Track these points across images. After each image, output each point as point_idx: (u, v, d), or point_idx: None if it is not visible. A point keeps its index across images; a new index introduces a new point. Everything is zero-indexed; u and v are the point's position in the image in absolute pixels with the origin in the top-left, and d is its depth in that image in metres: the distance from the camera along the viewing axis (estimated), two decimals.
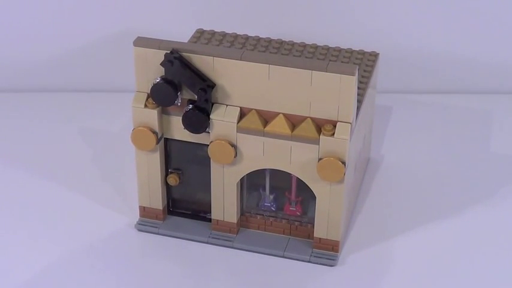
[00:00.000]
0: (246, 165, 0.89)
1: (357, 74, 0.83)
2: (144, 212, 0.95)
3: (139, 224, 0.95)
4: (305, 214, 0.93)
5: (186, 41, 0.99)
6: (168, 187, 0.94)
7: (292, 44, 1.00)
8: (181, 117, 0.87)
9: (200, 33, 1.02)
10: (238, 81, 0.85)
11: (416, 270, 0.90)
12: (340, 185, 0.87)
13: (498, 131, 1.13)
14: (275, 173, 0.91)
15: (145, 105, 0.88)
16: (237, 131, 0.87)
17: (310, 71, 0.83)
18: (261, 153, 0.88)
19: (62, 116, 1.15)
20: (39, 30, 1.16)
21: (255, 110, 0.86)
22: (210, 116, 0.87)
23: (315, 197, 0.89)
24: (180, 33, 1.01)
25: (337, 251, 0.91)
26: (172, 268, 0.90)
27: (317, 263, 0.91)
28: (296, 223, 0.93)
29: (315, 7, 1.15)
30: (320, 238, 0.91)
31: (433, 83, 1.21)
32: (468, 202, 1.00)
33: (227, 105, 0.87)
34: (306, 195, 0.91)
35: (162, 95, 0.86)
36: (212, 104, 0.87)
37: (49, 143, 1.09)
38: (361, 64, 0.98)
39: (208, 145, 0.88)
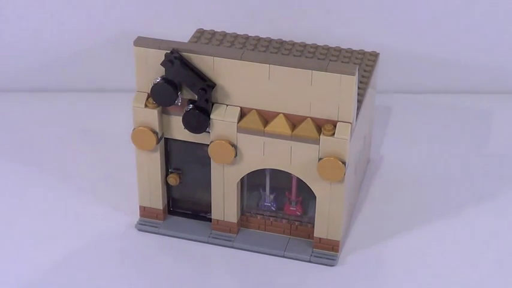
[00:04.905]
0: (246, 165, 0.89)
1: (357, 74, 0.83)
2: (144, 211, 0.95)
3: (139, 223, 0.95)
4: (305, 214, 0.93)
5: (186, 41, 0.99)
6: (168, 187, 0.94)
7: (293, 43, 1.00)
8: (181, 117, 0.87)
9: (200, 33, 1.02)
10: (238, 81, 0.85)
11: (416, 270, 0.90)
12: (340, 184, 0.87)
13: (498, 131, 1.13)
14: (275, 173, 0.91)
15: (146, 105, 0.88)
16: (237, 131, 0.87)
17: (311, 70, 0.83)
18: (261, 153, 0.88)
19: (62, 116, 1.15)
20: (40, 30, 1.16)
21: (255, 109, 0.86)
22: (210, 116, 0.87)
23: (315, 197, 0.89)
24: (180, 33, 1.01)
25: (337, 251, 0.91)
26: (172, 268, 0.90)
27: (317, 263, 0.91)
28: (296, 223, 0.93)
29: (315, 7, 1.15)
30: (320, 238, 0.91)
31: (433, 83, 1.21)
32: (468, 202, 1.00)
33: (227, 105, 0.87)
34: (306, 195, 0.91)
35: (162, 95, 0.86)
36: (212, 104, 0.87)
37: (49, 143, 1.09)
38: (361, 64, 0.98)
39: (208, 145, 0.88)
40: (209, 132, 0.88)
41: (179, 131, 0.89)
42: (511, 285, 0.89)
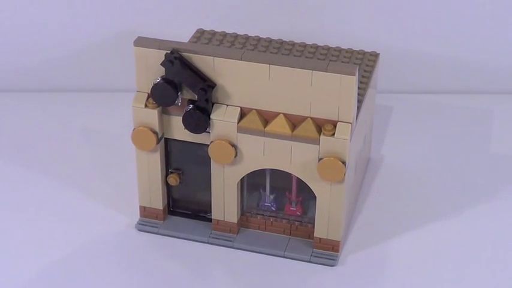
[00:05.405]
0: (246, 165, 0.89)
1: (357, 74, 0.83)
2: (145, 212, 0.95)
3: (139, 224, 0.95)
4: (305, 214, 0.93)
5: (186, 41, 0.99)
6: (168, 187, 0.94)
7: (293, 44, 1.00)
8: (181, 117, 0.87)
9: (200, 33, 1.02)
10: (238, 81, 0.85)
11: (416, 270, 0.90)
12: (340, 185, 0.87)
13: (498, 131, 1.13)
14: (275, 173, 0.91)
15: (146, 105, 0.88)
16: (237, 131, 0.87)
17: (311, 71, 0.83)
18: (261, 153, 0.88)
19: (62, 116, 1.15)
20: (40, 30, 1.16)
21: (256, 110, 0.86)
22: (211, 116, 0.87)
23: (315, 197, 0.89)
24: (180, 33, 1.01)
25: (337, 251, 0.91)
26: (172, 268, 0.90)
27: (317, 263, 0.91)
28: (296, 223, 0.93)
29: (315, 7, 1.15)
30: (320, 238, 0.91)
31: (433, 83, 1.21)
32: (468, 202, 1.00)
33: (227, 105, 0.87)
34: (306, 195, 0.91)
35: (162, 95, 0.86)
36: (212, 104, 0.87)
37: (49, 143, 1.09)
38: (362, 64, 0.98)
39: (208, 145, 0.88)
40: (209, 132, 0.88)
41: (179, 131, 0.89)
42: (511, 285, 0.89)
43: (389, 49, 1.14)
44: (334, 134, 0.85)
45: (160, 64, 0.86)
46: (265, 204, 0.93)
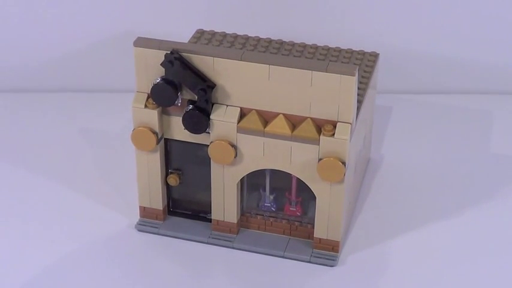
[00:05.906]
0: (246, 165, 0.89)
1: (357, 75, 0.83)
2: (144, 212, 0.95)
3: (139, 224, 0.95)
4: (305, 214, 0.93)
5: (186, 41, 0.99)
6: (168, 187, 0.94)
7: (293, 44, 1.00)
8: (181, 118, 0.87)
9: (200, 33, 1.02)
10: (238, 81, 0.85)
11: (416, 270, 0.90)
12: (340, 185, 0.87)
13: (498, 131, 1.13)
14: (275, 173, 0.91)
15: (146, 106, 0.88)
16: (237, 131, 0.87)
17: (310, 71, 0.83)
18: (261, 153, 0.88)
19: (62, 116, 1.15)
20: (40, 31, 1.16)
21: (255, 110, 0.86)
22: (210, 117, 0.87)
23: (315, 197, 0.89)
24: (180, 34, 1.01)
25: (337, 251, 0.91)
26: (172, 268, 0.90)
27: (317, 263, 0.91)
28: (296, 223, 0.93)
29: (315, 7, 1.15)
30: (320, 238, 0.91)
31: (433, 83, 1.21)
32: (468, 202, 1.00)
33: (227, 106, 0.87)
34: (306, 195, 0.91)
35: (162, 95, 0.86)
36: (212, 104, 0.87)
37: (49, 143, 1.09)
38: (361, 64, 0.98)
39: (208, 145, 0.88)
40: (209, 132, 0.88)
41: (179, 132, 0.89)
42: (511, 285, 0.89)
43: (389, 49, 1.14)
44: (334, 134, 0.85)
45: (160, 64, 0.86)
46: (265, 204, 0.93)
